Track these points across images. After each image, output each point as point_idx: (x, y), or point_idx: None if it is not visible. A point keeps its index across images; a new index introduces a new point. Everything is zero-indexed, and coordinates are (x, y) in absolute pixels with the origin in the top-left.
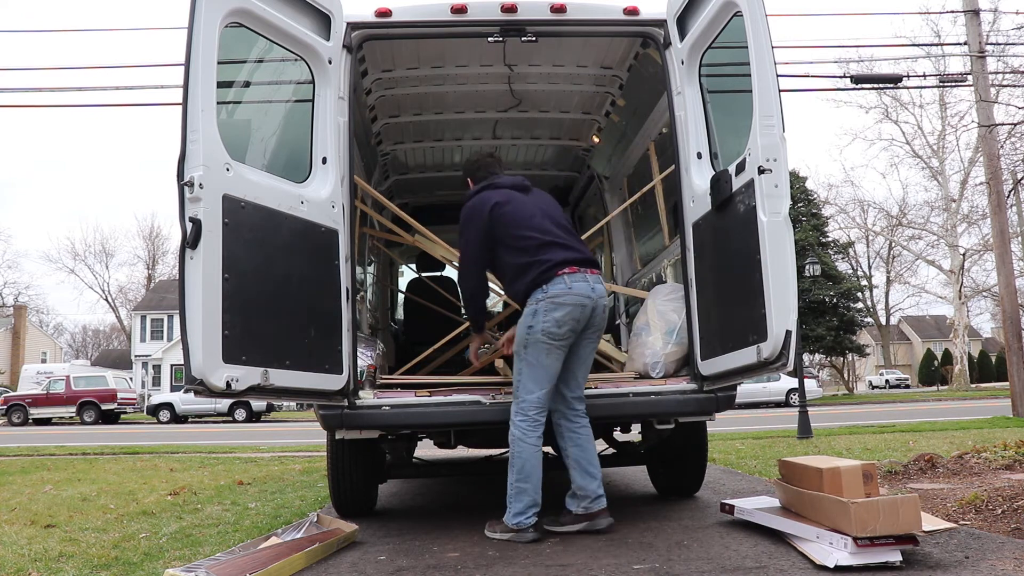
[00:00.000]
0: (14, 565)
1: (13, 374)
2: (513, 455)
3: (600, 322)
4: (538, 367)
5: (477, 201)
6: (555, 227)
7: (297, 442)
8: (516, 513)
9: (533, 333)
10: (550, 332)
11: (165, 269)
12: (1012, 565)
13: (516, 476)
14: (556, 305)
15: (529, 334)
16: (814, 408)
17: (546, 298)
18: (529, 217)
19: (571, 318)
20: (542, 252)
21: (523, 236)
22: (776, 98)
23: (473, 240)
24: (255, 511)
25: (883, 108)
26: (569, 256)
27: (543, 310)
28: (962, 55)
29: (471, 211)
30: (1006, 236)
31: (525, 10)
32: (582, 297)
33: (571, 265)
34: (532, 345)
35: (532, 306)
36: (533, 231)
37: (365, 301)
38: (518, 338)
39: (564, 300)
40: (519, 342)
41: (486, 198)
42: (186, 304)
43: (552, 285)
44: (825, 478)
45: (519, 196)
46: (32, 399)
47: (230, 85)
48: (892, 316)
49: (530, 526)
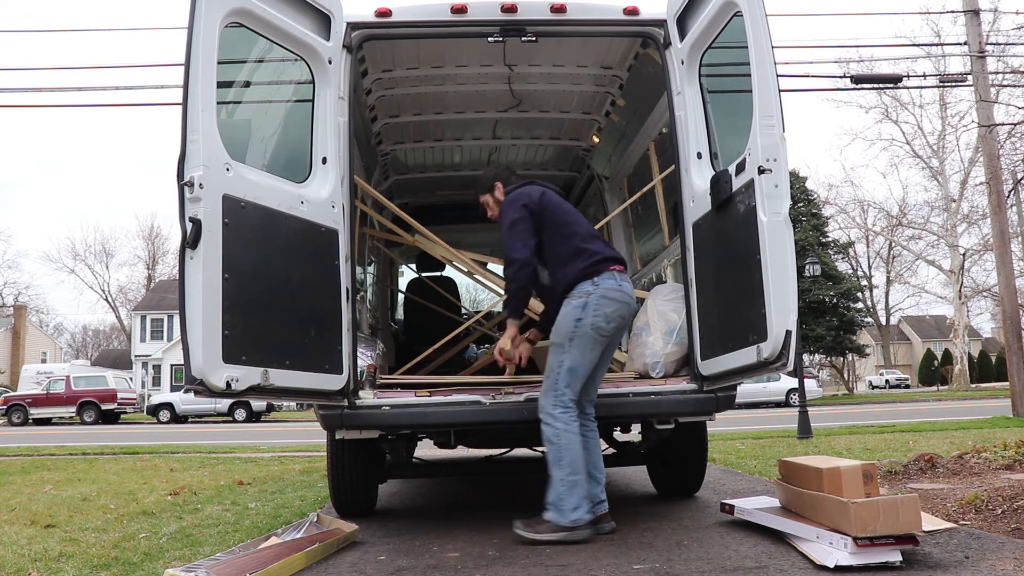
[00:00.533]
0: (14, 565)
1: (13, 374)
2: (559, 448)
3: (626, 327)
4: (582, 361)
5: (525, 190)
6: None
7: (297, 442)
8: (573, 508)
9: (582, 326)
10: (599, 327)
11: (165, 269)
12: (1012, 565)
13: (567, 470)
14: (608, 300)
15: (578, 327)
16: (814, 408)
17: (597, 292)
18: (573, 212)
19: (619, 316)
20: (590, 244)
21: (571, 224)
22: (776, 98)
23: (523, 223)
24: (255, 511)
25: (883, 108)
26: (615, 255)
27: (594, 304)
28: (962, 55)
29: (521, 196)
30: (1006, 236)
31: (525, 10)
32: (628, 297)
33: (618, 264)
34: (579, 338)
35: (580, 299)
36: (579, 224)
37: (365, 301)
38: (563, 330)
39: (615, 297)
40: (563, 334)
41: (532, 189)
42: (186, 304)
43: (603, 279)
44: (825, 478)
45: (557, 196)
46: (32, 399)
47: (230, 85)
48: (892, 316)
49: (587, 522)
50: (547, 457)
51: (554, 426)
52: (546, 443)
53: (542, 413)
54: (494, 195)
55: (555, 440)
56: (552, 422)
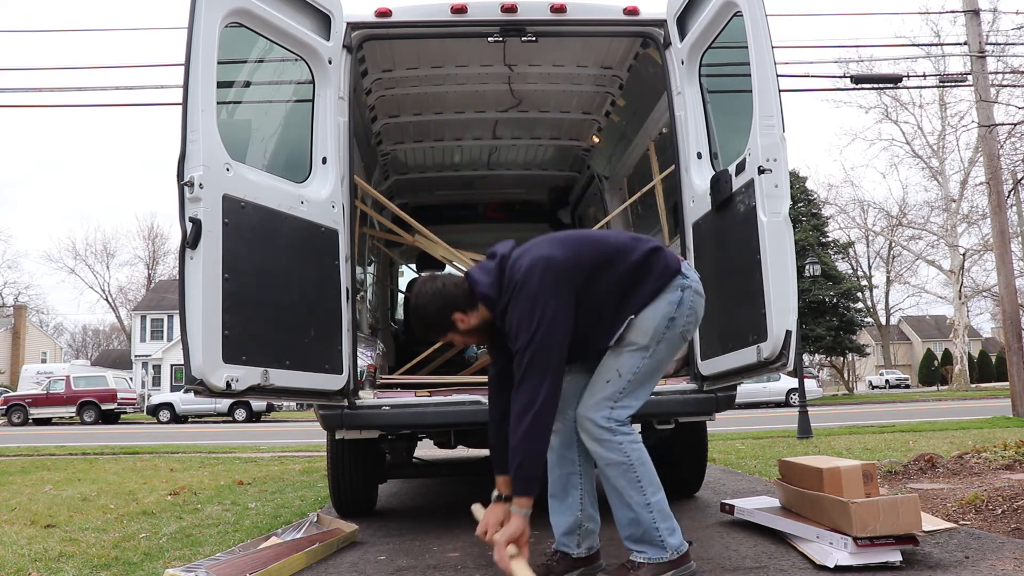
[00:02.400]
0: (14, 565)
1: (13, 374)
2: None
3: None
4: (660, 369)
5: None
6: None
7: (297, 442)
8: (671, 532)
9: (674, 328)
10: (688, 331)
11: (165, 269)
12: (1012, 565)
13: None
14: (699, 295)
15: (669, 328)
16: (814, 408)
17: (691, 284)
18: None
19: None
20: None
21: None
22: (776, 98)
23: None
24: (255, 511)
25: (883, 108)
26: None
27: (689, 301)
28: (962, 55)
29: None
30: (1006, 236)
31: (525, 10)
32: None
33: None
34: (667, 341)
35: (676, 292)
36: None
37: (365, 301)
38: (651, 330)
39: (700, 290)
40: (652, 335)
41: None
42: (186, 304)
43: (691, 271)
44: (825, 478)
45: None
46: (32, 399)
47: (230, 85)
48: (892, 316)
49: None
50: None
51: (613, 443)
52: (607, 469)
53: (591, 428)
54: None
55: (624, 459)
56: (609, 438)
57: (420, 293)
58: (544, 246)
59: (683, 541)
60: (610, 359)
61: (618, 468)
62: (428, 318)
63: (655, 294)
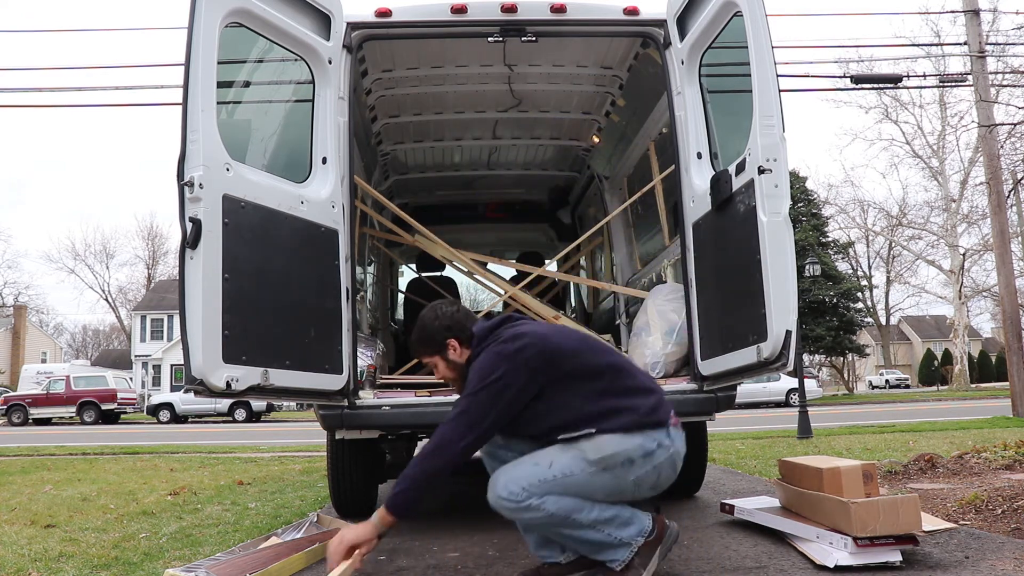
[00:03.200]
0: (14, 565)
1: (13, 374)
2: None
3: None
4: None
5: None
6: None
7: (297, 442)
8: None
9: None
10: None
11: (165, 269)
12: (1012, 565)
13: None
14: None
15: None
16: (814, 408)
17: (671, 446)
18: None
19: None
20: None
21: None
22: (776, 98)
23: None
24: (255, 511)
25: (883, 108)
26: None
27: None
28: (962, 55)
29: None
30: (1006, 236)
31: (525, 10)
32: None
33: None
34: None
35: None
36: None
37: (365, 301)
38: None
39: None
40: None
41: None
42: (186, 304)
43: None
44: (825, 478)
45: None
46: (32, 399)
47: (230, 85)
48: (892, 316)
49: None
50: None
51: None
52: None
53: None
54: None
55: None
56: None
57: (435, 308)
58: (548, 329)
59: (642, 521)
60: (553, 449)
61: (548, 522)
62: (428, 331)
63: (628, 429)
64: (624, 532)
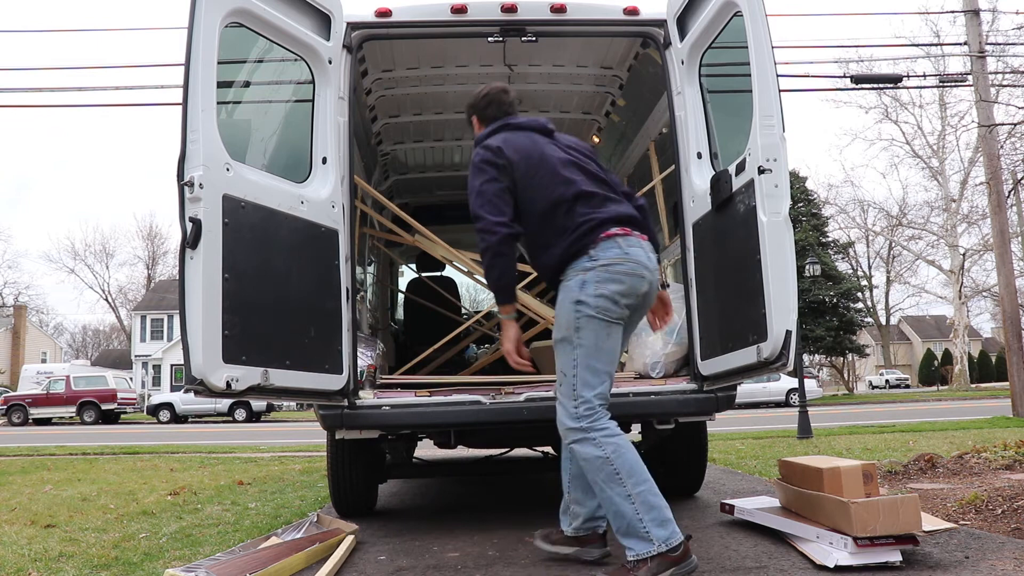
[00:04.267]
0: (14, 565)
1: (13, 374)
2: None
3: (650, 303)
4: (598, 351)
5: (492, 143)
6: (588, 177)
7: (297, 442)
8: (659, 524)
9: (584, 308)
10: (606, 308)
11: (165, 269)
12: (1012, 565)
13: (631, 483)
14: (611, 275)
15: (578, 310)
16: (814, 408)
17: (597, 266)
18: (559, 163)
19: (632, 293)
20: (579, 206)
21: (554, 186)
22: (776, 98)
23: (490, 189)
24: (255, 511)
25: (883, 108)
26: (616, 213)
27: (593, 280)
28: (962, 55)
29: (484, 155)
30: (1006, 236)
31: (525, 10)
32: (640, 267)
33: (623, 225)
34: (586, 325)
35: (578, 276)
36: (566, 180)
37: (365, 301)
38: (563, 321)
39: (621, 269)
40: (566, 325)
41: (504, 139)
42: (186, 304)
43: (601, 249)
44: (825, 478)
45: (542, 140)
46: (32, 399)
47: (230, 85)
48: (892, 316)
49: (682, 540)
50: (594, 482)
51: (587, 439)
52: (584, 465)
53: (565, 431)
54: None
55: (599, 453)
56: (581, 436)
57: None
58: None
59: (675, 532)
60: (556, 360)
61: (594, 463)
62: (471, 100)
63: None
64: (656, 530)
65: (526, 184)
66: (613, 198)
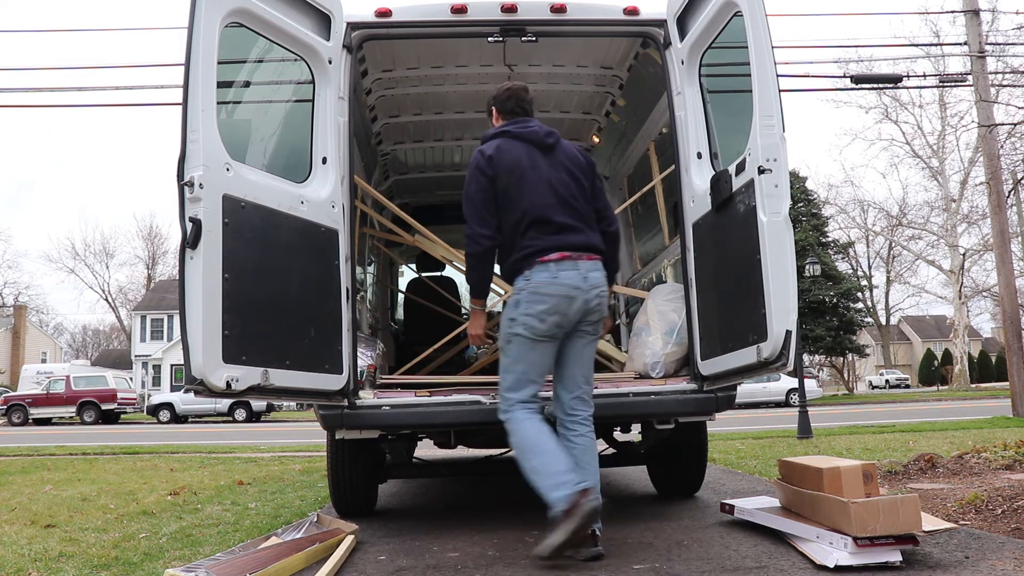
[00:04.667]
0: (14, 565)
1: (13, 374)
2: (516, 442)
3: (595, 315)
4: (519, 364)
5: (487, 150)
6: (559, 201)
7: (297, 442)
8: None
9: (514, 326)
10: (532, 327)
11: (165, 269)
12: (1012, 565)
13: (528, 461)
14: (539, 296)
15: (510, 327)
16: (814, 408)
17: (528, 288)
18: (533, 184)
19: (557, 311)
20: (531, 231)
21: (519, 207)
22: (776, 98)
23: (478, 198)
24: (255, 511)
25: (883, 108)
26: (561, 240)
27: (524, 301)
28: (962, 55)
29: (478, 161)
30: (1006, 236)
31: (525, 10)
32: (569, 288)
33: (562, 251)
34: (514, 340)
35: (515, 295)
36: (530, 204)
37: (365, 301)
38: (501, 332)
39: (548, 291)
40: (502, 337)
41: (497, 147)
42: (186, 304)
43: (535, 273)
44: (825, 478)
45: (535, 155)
46: (32, 399)
47: (230, 85)
48: (892, 316)
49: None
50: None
51: (506, 424)
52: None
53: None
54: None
55: (512, 435)
56: (504, 421)
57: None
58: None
59: (569, 492)
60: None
61: (514, 447)
62: (493, 93)
63: (509, 277)
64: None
65: (503, 198)
66: (571, 226)
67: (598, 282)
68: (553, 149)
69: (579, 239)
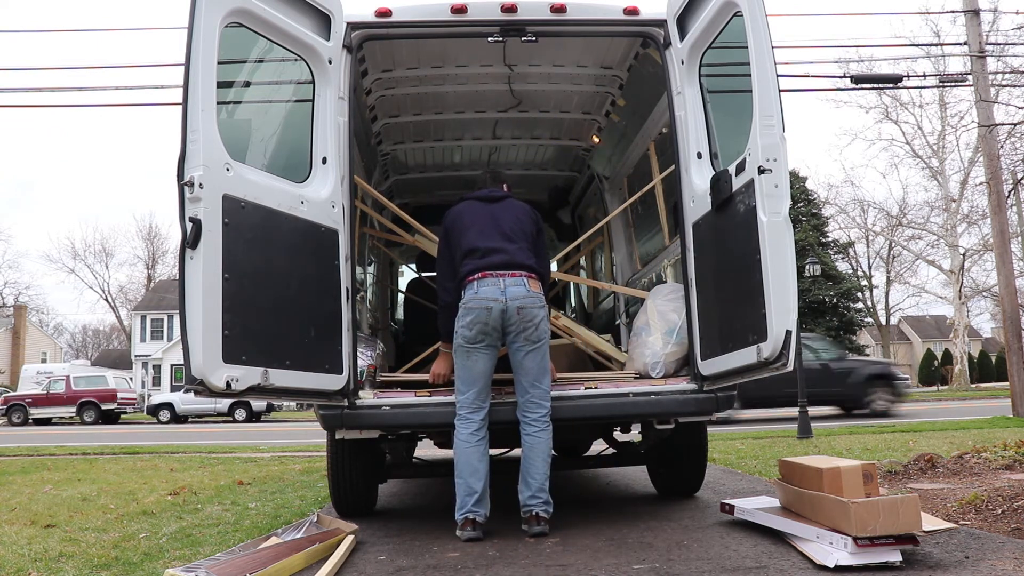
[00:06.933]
0: (14, 565)
1: (13, 374)
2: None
3: (521, 324)
4: (462, 369)
5: (449, 212)
6: (496, 233)
7: (297, 442)
8: (459, 508)
9: (456, 339)
10: (464, 335)
11: (165, 269)
12: (1012, 565)
13: (457, 476)
14: (465, 311)
15: (456, 341)
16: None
17: (462, 306)
18: (471, 224)
19: (478, 322)
20: (466, 260)
21: (462, 245)
22: (776, 98)
23: (444, 256)
24: (255, 511)
25: (883, 108)
26: (485, 262)
27: (460, 316)
28: (962, 55)
29: (444, 223)
30: (1006, 236)
31: (525, 10)
32: (487, 300)
33: (484, 271)
34: (456, 350)
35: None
36: (466, 240)
37: (365, 301)
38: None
39: (470, 305)
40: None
41: (454, 209)
42: (186, 304)
43: (465, 292)
44: (825, 478)
45: (477, 206)
46: (32, 399)
47: (230, 85)
48: (892, 316)
49: (463, 521)
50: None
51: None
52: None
53: None
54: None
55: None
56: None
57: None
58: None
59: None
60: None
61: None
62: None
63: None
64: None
65: (454, 242)
66: (497, 248)
67: (518, 295)
68: (501, 200)
69: (501, 259)
